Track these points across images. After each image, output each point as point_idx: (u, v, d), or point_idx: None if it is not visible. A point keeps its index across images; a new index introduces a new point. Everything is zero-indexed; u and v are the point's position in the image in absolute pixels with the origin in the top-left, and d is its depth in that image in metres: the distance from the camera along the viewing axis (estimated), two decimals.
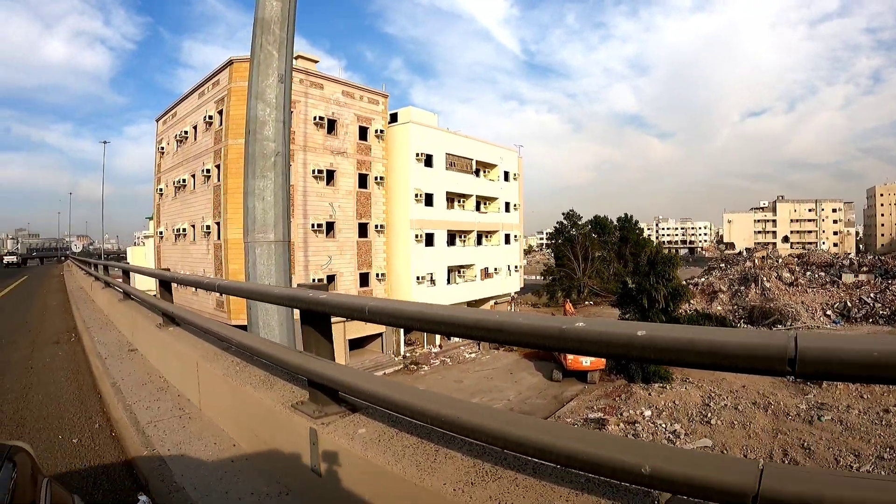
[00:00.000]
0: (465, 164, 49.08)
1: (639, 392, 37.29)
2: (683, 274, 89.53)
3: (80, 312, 15.25)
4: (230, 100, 36.28)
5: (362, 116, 42.47)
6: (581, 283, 65.68)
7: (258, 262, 7.71)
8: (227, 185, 35.96)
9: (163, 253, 47.35)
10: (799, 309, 58.88)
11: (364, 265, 42.23)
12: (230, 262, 35.77)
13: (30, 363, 9.75)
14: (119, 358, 8.84)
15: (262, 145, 8.00)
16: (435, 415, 2.70)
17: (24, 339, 12.57)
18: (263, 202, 7.93)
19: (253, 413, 4.40)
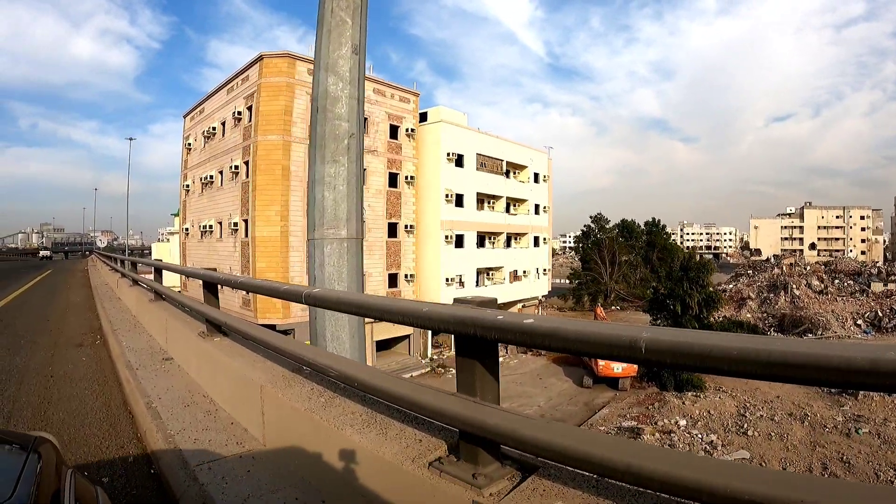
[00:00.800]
0: (495, 165, 47.66)
1: (672, 400, 35.75)
2: (716, 279, 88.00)
3: (105, 311, 14.08)
4: (260, 95, 35.11)
5: (393, 115, 41.20)
6: (608, 287, 63.99)
7: (327, 262, 6.30)
8: (255, 181, 34.81)
9: (188, 249, 46.32)
10: (829, 318, 56.80)
11: (393, 266, 40.92)
12: (258, 259, 34.66)
13: (50, 370, 8.54)
14: (152, 369, 7.54)
15: (333, 125, 6.36)
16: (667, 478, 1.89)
17: (45, 339, 11.38)
18: (335, 192, 6.42)
19: (363, 471, 3.03)
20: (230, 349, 5.96)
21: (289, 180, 35.17)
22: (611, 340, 1.96)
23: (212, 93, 42.17)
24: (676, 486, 1.80)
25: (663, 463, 1.87)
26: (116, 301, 16.02)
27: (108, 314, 13.44)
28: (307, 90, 35.90)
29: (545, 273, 53.67)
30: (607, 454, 1.99)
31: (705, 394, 36.50)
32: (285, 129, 35.13)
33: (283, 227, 34.90)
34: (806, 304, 59.53)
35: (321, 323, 6.18)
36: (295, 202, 35.38)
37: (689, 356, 1.75)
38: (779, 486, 1.61)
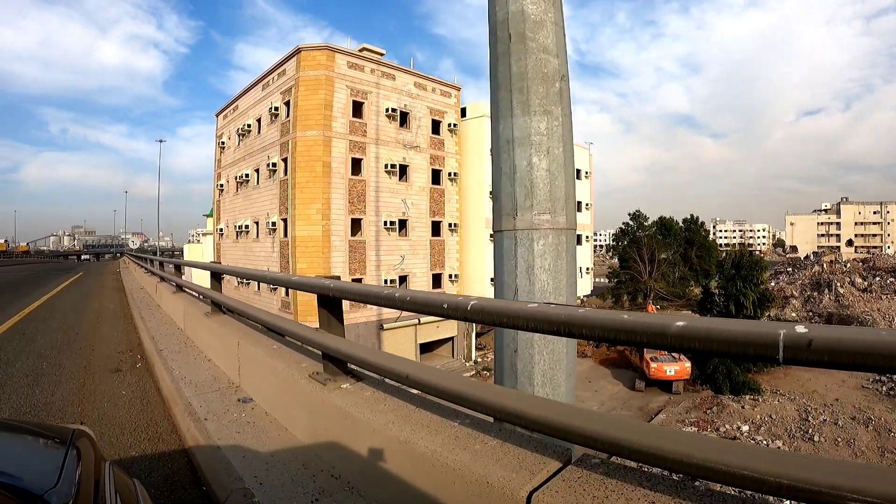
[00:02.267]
0: None
1: (730, 404, 33.46)
2: None
3: (144, 323, 11.80)
4: (298, 90, 32.87)
5: (435, 109, 38.82)
6: (648, 286, 61.06)
7: (538, 265, 4.00)
8: (295, 179, 32.57)
9: (223, 250, 44.16)
10: (876, 317, 53.76)
11: (437, 265, 38.51)
12: (298, 260, 32.43)
13: (79, 409, 6.07)
14: (228, 418, 4.96)
15: (538, 60, 4.08)
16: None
17: (74, 361, 8.78)
18: (549, 158, 4.16)
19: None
20: (373, 401, 3.70)
21: (329, 177, 32.87)
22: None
23: (246, 89, 40.01)
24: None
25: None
26: (156, 310, 13.68)
27: (148, 327, 11.14)
28: (347, 84, 33.78)
29: (587, 272, 50.95)
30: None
31: (763, 397, 34.38)
32: (325, 125, 32.82)
33: (325, 227, 32.60)
34: (851, 302, 56.75)
35: (526, 355, 4.00)
36: (336, 200, 33.10)
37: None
38: None
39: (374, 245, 34.93)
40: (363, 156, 34.63)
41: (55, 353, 9.32)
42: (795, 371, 37.97)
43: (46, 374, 7.71)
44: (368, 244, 34.73)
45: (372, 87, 35.21)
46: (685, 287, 64.66)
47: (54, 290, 21.97)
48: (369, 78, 35.15)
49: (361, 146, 34.61)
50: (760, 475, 1.67)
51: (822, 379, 36.57)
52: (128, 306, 15.71)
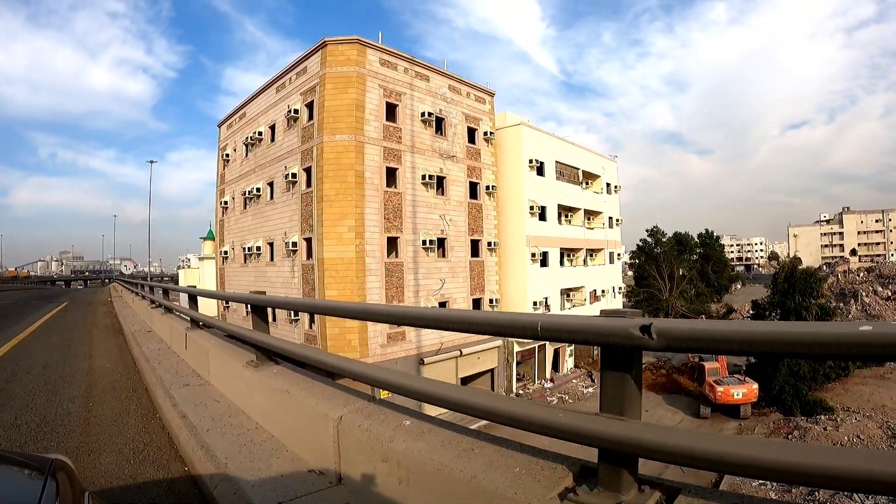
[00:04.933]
0: (572, 175, 38.54)
1: (811, 427, 28.72)
2: (756, 291, 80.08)
3: (166, 390, 6.09)
4: (324, 88, 26.01)
5: (470, 116, 32.09)
6: (669, 304, 54.82)
7: None
8: (321, 190, 25.57)
9: (228, 276, 36.57)
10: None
11: (476, 289, 31.53)
12: (327, 286, 25.26)
13: None
14: None
15: None
16: None
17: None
18: None
19: None
20: None
21: (363, 188, 25.90)
22: None
23: (255, 94, 32.77)
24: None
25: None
26: (180, 364, 7.44)
27: (175, 399, 5.66)
28: (379, 83, 27.15)
29: (620, 292, 44.40)
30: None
31: (839, 416, 29.97)
32: (357, 128, 25.90)
33: (359, 246, 25.54)
34: (879, 311, 51.91)
35: None
36: (370, 215, 26.14)
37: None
38: None
39: (412, 267, 27.91)
40: (398, 165, 27.69)
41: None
42: (854, 386, 34.84)
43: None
44: (406, 266, 27.70)
45: (406, 89, 28.38)
46: (703, 304, 58.62)
47: (25, 332, 14.23)
48: (403, 78, 28.33)
49: (396, 154, 27.68)
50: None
51: (883, 392, 33.39)
52: (134, 364, 8.82)
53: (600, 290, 40.28)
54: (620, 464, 1.97)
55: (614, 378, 2.04)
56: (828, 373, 33.54)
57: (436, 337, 28.21)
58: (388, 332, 26.38)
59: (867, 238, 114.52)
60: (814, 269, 49.30)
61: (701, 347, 1.79)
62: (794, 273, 40.29)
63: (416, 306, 23.02)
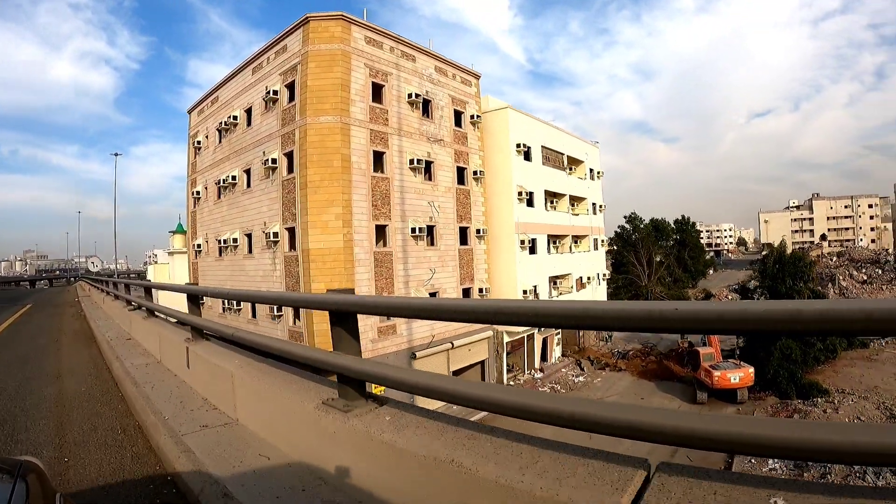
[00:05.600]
0: (557, 160, 36.75)
1: (811, 410, 28.44)
2: (729, 276, 79.98)
3: (176, 436, 3.97)
4: (307, 67, 23.79)
5: (456, 98, 30.13)
6: (648, 290, 53.67)
7: None
8: (305, 176, 23.42)
9: (202, 270, 33.91)
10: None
11: (466, 279, 29.68)
12: (313, 279, 23.08)
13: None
14: None
15: None
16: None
17: None
18: None
19: None
20: None
21: (350, 173, 23.81)
22: None
23: (228, 76, 30.22)
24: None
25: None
26: (208, 412, 4.56)
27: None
28: (365, 62, 25.08)
29: (605, 278, 42.94)
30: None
31: (835, 398, 29.69)
32: (342, 109, 23.77)
33: (346, 235, 23.47)
34: (856, 294, 51.71)
35: None
36: (358, 202, 24.09)
37: None
38: None
39: (401, 257, 25.92)
40: (385, 148, 25.62)
41: None
42: (844, 368, 34.69)
43: None
44: (395, 256, 25.69)
45: (392, 69, 26.29)
46: (680, 289, 57.67)
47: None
48: (388, 57, 26.23)
49: (383, 137, 25.59)
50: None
51: (873, 373, 33.31)
52: (120, 396, 6.16)
53: (586, 276, 38.80)
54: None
55: None
56: (817, 356, 32.79)
57: (426, 329, 26.37)
58: (379, 326, 24.39)
59: (836, 224, 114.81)
60: (801, 252, 48.71)
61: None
62: (782, 257, 39.41)
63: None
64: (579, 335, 39.22)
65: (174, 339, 6.25)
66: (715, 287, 65.20)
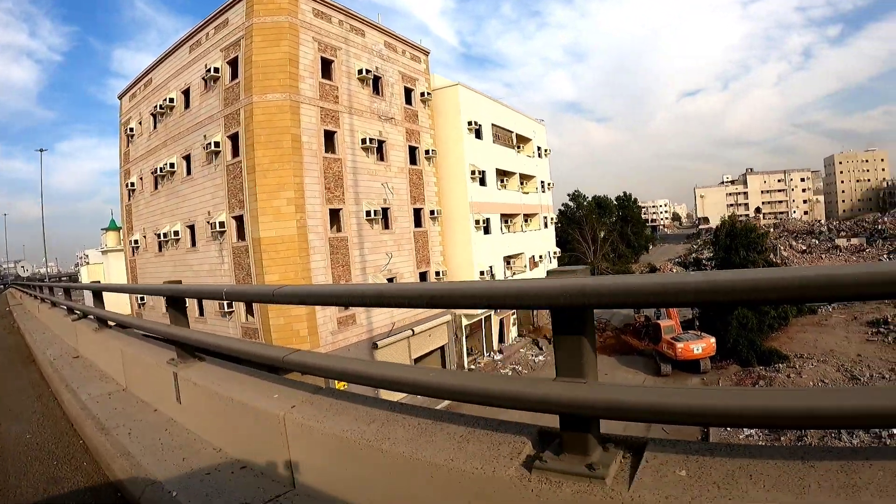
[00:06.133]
0: (506, 138, 35.60)
1: (776, 376, 28.79)
2: (668, 250, 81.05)
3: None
4: (252, 41, 21.79)
5: (406, 75, 28.52)
6: (595, 266, 53.28)
7: None
8: (252, 159, 21.47)
9: (141, 268, 31.17)
10: None
11: (422, 262, 28.33)
12: (266, 269, 21.26)
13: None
14: None
15: None
16: None
17: None
18: None
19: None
20: None
21: (301, 154, 22.00)
22: None
23: (162, 57, 27.59)
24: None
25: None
26: None
27: None
28: (314, 35, 23.29)
29: (555, 256, 42.21)
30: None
31: (795, 363, 30.25)
32: (291, 85, 21.85)
33: (300, 221, 21.69)
34: (797, 263, 52.95)
35: None
36: (311, 185, 22.34)
37: None
38: None
39: (357, 242, 24.31)
40: (337, 128, 23.85)
41: None
42: (798, 334, 35.18)
43: None
44: (351, 241, 24.05)
45: (341, 43, 24.47)
46: (625, 264, 57.82)
47: None
48: (338, 31, 24.39)
49: (334, 115, 23.80)
50: None
51: (826, 337, 33.99)
52: (83, 447, 4.23)
53: (538, 255, 37.98)
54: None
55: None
56: (771, 323, 33.09)
57: (387, 317, 24.90)
58: (338, 317, 22.76)
59: (770, 197, 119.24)
60: (753, 224, 49.48)
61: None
62: (734, 229, 39.64)
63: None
64: (534, 314, 38.43)
65: (146, 360, 4.56)
66: (657, 261, 66.07)
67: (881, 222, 77.10)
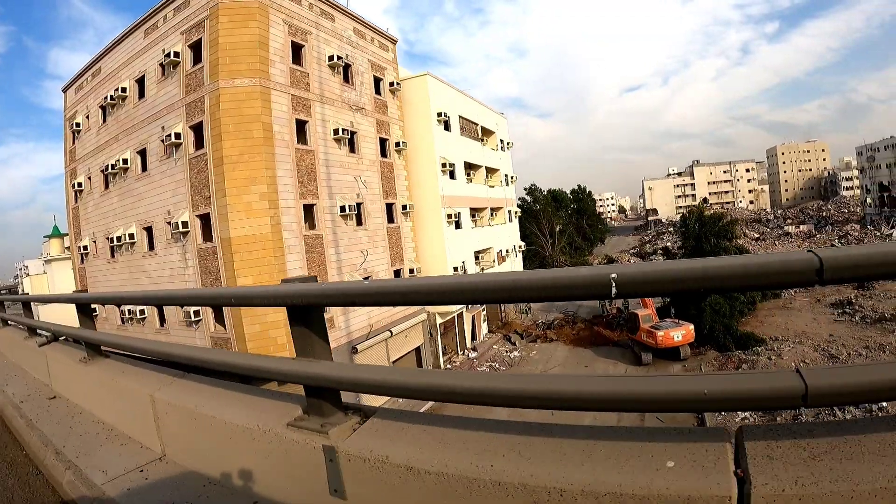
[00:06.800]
0: (472, 130, 34.11)
1: (758, 359, 27.86)
2: (619, 242, 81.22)
3: None
4: (217, 21, 19.71)
5: (375, 64, 26.78)
6: (554, 259, 52.43)
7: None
8: (220, 150, 19.39)
9: (91, 276, 28.09)
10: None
11: (396, 260, 26.58)
12: (238, 272, 19.23)
13: None
14: None
15: None
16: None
17: None
18: None
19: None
20: None
21: (273, 145, 20.01)
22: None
23: (112, 44, 24.80)
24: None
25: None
26: None
27: None
28: (283, 17, 21.28)
29: (521, 251, 41.00)
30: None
31: (774, 345, 29.85)
32: (261, 70, 19.85)
33: (274, 218, 19.71)
34: (752, 250, 53.74)
35: None
36: (283, 179, 20.41)
37: None
38: None
39: (332, 240, 22.42)
40: (308, 117, 21.90)
41: None
42: (767, 318, 35.19)
43: None
44: (326, 239, 22.12)
45: (311, 27, 22.51)
46: (582, 257, 57.28)
47: None
48: (308, 14, 22.42)
49: (305, 104, 21.82)
50: None
51: (797, 320, 34.32)
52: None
53: (505, 249, 36.72)
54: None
55: None
56: (741, 308, 32.81)
57: (363, 319, 23.07)
58: None
59: (717, 188, 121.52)
60: (721, 212, 49.98)
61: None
62: (702, 218, 39.49)
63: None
64: (501, 309, 37.17)
65: (217, 414, 2.83)
66: (612, 252, 66.18)
67: (825, 209, 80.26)
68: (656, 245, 62.95)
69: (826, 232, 64.70)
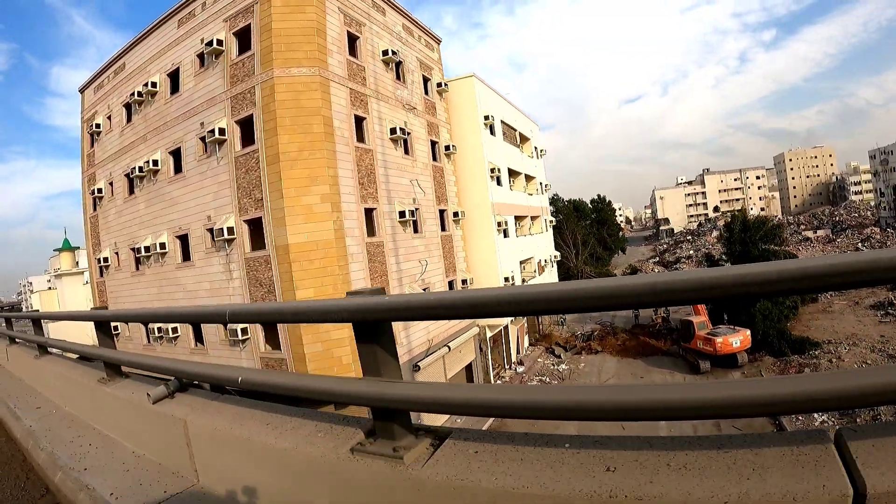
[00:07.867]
0: (512, 136, 31.44)
1: (818, 363, 25.97)
2: (633, 252, 78.89)
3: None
4: (269, 6, 17.02)
5: (423, 63, 24.18)
6: (579, 270, 49.80)
7: None
8: (275, 146, 16.52)
9: (113, 292, 24.92)
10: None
11: (450, 270, 23.73)
12: (297, 284, 16.36)
13: None
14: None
15: None
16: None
17: None
18: None
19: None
20: None
21: (333, 142, 17.11)
22: None
23: (138, 38, 21.91)
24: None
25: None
26: None
27: None
28: (339, 5, 18.40)
29: (556, 260, 38.25)
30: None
31: (829, 348, 27.68)
32: (320, 59, 17.04)
33: (337, 222, 16.81)
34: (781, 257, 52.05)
35: None
36: (345, 179, 17.50)
37: None
38: None
39: (392, 248, 19.55)
40: (366, 114, 19.11)
41: None
42: (813, 322, 32.89)
43: None
44: (387, 247, 19.26)
45: (365, 19, 19.79)
46: (603, 267, 54.74)
47: None
48: (361, 5, 19.68)
49: (363, 99, 19.06)
50: None
51: (842, 322, 32.05)
52: None
53: (544, 259, 33.99)
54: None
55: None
56: (787, 314, 30.42)
57: (422, 333, 20.20)
58: None
59: (728, 195, 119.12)
60: (764, 217, 48.10)
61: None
62: (746, 223, 37.25)
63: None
64: (539, 321, 34.40)
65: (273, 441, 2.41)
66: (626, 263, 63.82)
67: (837, 214, 78.84)
68: (676, 254, 60.87)
69: (846, 236, 63.06)
